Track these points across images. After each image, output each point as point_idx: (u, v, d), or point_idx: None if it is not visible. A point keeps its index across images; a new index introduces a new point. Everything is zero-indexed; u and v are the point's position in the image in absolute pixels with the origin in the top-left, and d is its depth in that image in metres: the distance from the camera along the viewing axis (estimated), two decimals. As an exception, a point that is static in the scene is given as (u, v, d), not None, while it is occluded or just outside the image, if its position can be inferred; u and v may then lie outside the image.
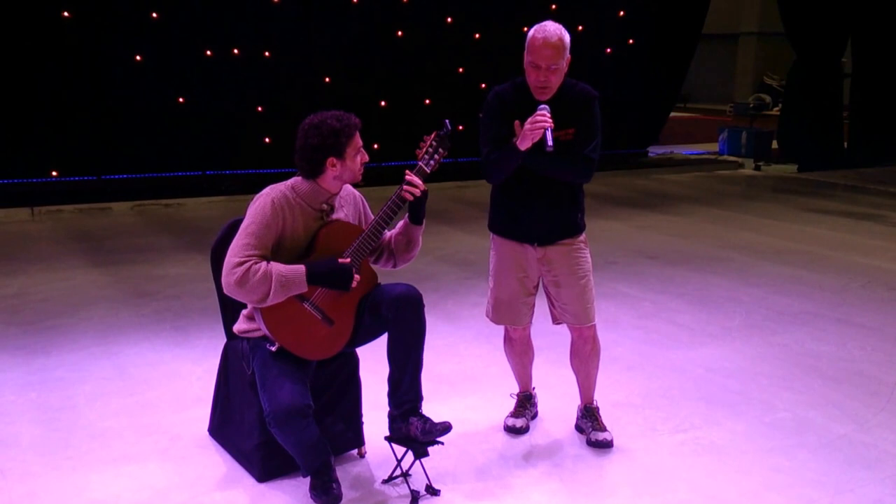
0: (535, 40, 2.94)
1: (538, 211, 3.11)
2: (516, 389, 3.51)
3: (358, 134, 2.81)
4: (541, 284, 3.28)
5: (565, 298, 3.20)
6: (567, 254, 3.16)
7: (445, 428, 2.83)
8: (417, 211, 2.90)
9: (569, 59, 2.99)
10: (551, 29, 2.94)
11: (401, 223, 2.96)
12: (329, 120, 2.75)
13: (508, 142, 2.96)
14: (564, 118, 2.97)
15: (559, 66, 2.94)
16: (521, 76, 3.06)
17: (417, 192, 2.81)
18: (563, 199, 3.12)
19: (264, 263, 2.67)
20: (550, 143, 2.85)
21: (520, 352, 3.40)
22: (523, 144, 2.90)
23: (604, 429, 3.30)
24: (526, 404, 3.47)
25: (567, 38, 2.96)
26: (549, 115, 2.89)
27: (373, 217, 2.93)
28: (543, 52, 2.91)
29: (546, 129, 2.85)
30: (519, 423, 3.38)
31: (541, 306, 3.34)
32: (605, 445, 3.25)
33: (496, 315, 3.31)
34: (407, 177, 2.81)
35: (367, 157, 2.85)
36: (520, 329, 3.33)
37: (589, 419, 3.34)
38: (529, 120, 2.88)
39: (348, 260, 2.77)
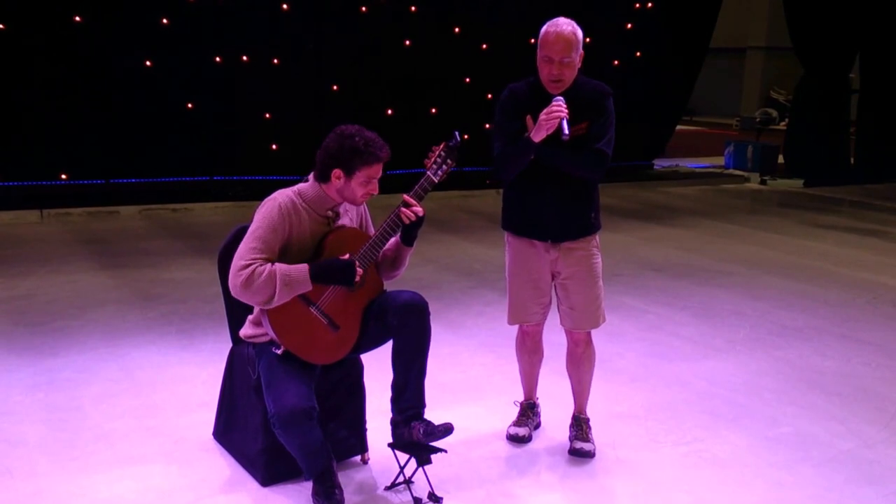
0: (548, 34, 2.97)
1: (551, 207, 3.10)
2: (519, 398, 3.53)
3: (378, 166, 2.77)
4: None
5: (572, 302, 3.21)
6: (579, 257, 3.17)
7: (447, 429, 2.83)
8: (410, 234, 2.91)
9: (582, 55, 3.00)
10: (564, 23, 2.98)
11: (392, 240, 2.95)
12: (357, 137, 2.74)
13: (522, 136, 2.98)
14: (578, 113, 2.98)
15: (572, 59, 2.96)
16: (534, 76, 3.07)
17: (413, 217, 2.82)
18: (576, 195, 3.11)
19: (269, 265, 2.69)
20: (567, 131, 2.85)
21: (531, 349, 3.40)
22: (538, 136, 2.91)
23: (587, 439, 3.30)
24: (529, 413, 3.47)
25: (580, 33, 2.99)
26: (564, 105, 2.90)
27: (372, 228, 2.95)
28: (556, 45, 2.94)
29: (562, 118, 2.87)
30: (521, 431, 3.39)
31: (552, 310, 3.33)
32: (585, 455, 3.25)
33: (511, 314, 3.32)
34: (406, 199, 2.81)
35: (375, 192, 2.82)
36: (533, 325, 3.33)
37: (575, 428, 3.35)
38: (545, 110, 2.89)
39: (348, 255, 2.78)
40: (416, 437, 2.84)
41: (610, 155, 3.06)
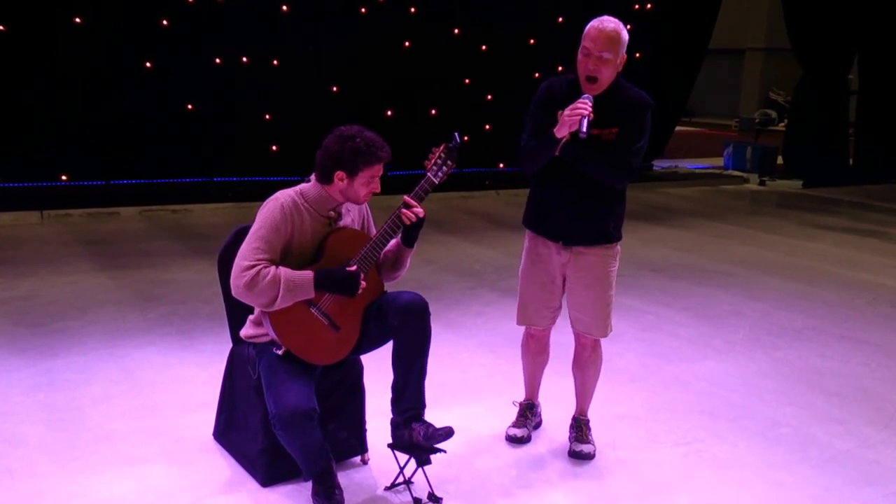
0: (591, 28, 2.95)
1: (568, 209, 3.08)
2: (519, 398, 3.53)
3: (380, 166, 2.79)
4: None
5: (577, 306, 3.21)
6: (590, 262, 3.15)
7: (448, 433, 2.84)
8: (411, 235, 2.92)
9: (624, 58, 2.98)
10: (608, 20, 2.97)
11: (393, 241, 2.95)
12: (358, 138, 2.75)
13: (548, 131, 2.97)
14: (611, 117, 2.96)
15: (611, 57, 2.93)
16: (574, 73, 3.05)
17: (414, 218, 2.83)
18: (597, 201, 3.08)
19: (273, 268, 2.70)
20: (585, 129, 2.82)
21: (535, 351, 3.40)
22: (560, 132, 2.89)
23: (587, 441, 3.30)
24: (528, 414, 3.47)
25: (624, 34, 2.96)
26: (590, 104, 2.87)
27: (374, 228, 2.95)
28: (596, 39, 2.92)
29: (584, 116, 2.83)
30: (520, 432, 3.39)
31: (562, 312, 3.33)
32: (585, 457, 3.25)
33: (519, 314, 3.32)
34: (406, 200, 2.82)
35: (378, 190, 2.83)
36: (539, 329, 3.33)
37: (575, 430, 3.35)
38: (569, 107, 2.87)
39: (355, 267, 2.80)
40: (417, 439, 2.85)
41: (634, 165, 3.02)
